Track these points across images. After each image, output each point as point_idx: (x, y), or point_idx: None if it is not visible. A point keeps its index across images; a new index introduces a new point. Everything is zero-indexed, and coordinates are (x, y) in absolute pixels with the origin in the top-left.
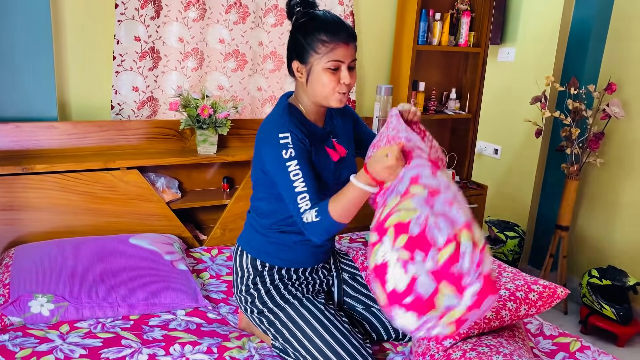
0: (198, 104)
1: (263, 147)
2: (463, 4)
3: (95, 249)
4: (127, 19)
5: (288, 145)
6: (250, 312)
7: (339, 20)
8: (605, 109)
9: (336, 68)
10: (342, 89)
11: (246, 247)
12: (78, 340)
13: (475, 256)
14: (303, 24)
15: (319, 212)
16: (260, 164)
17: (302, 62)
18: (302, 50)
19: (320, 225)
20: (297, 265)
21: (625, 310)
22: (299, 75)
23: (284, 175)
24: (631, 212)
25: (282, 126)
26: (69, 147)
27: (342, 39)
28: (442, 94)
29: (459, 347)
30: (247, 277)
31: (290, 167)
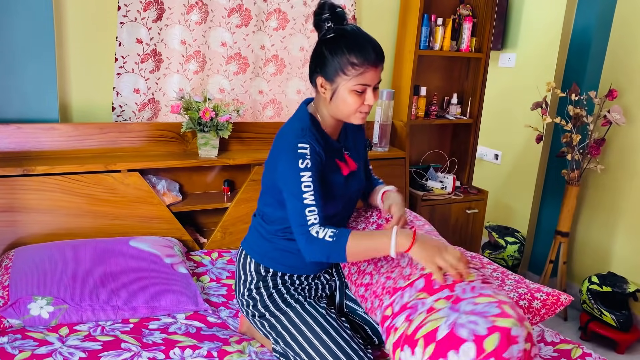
0: (200, 107)
1: (280, 152)
2: (465, 9)
3: (96, 252)
4: (129, 21)
5: (306, 155)
6: (251, 315)
7: (369, 40)
8: (607, 116)
9: (363, 90)
10: (365, 109)
11: (250, 252)
12: (77, 343)
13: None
14: (332, 40)
15: (337, 235)
16: (274, 169)
17: (328, 80)
18: (329, 68)
19: (329, 247)
20: (300, 272)
21: (625, 317)
22: (322, 91)
23: (295, 184)
24: (631, 218)
25: (302, 136)
26: (70, 149)
27: (372, 62)
28: (444, 99)
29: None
30: (250, 282)
31: (304, 177)
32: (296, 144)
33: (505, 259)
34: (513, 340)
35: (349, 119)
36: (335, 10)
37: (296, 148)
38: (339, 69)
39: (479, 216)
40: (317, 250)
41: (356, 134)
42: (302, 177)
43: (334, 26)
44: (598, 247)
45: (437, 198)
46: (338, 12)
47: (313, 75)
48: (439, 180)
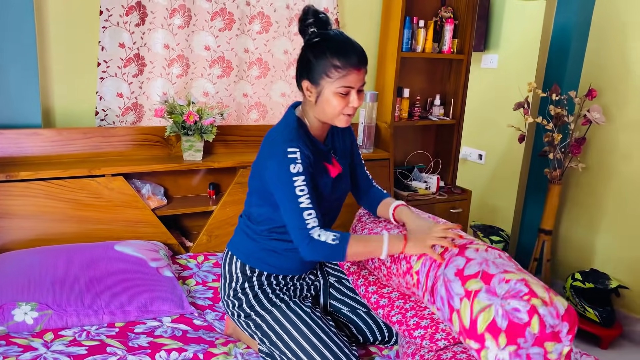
0: (183, 111)
1: (269, 158)
2: (446, 11)
3: (80, 256)
4: (111, 25)
5: (296, 160)
6: (237, 316)
7: (352, 43)
8: (586, 115)
9: (347, 93)
10: (349, 111)
11: (236, 253)
12: (62, 349)
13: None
14: (316, 45)
15: (339, 239)
16: (262, 172)
17: (313, 83)
18: (314, 71)
19: (331, 249)
20: (285, 272)
21: (607, 312)
22: (308, 94)
23: (289, 189)
24: (612, 215)
25: (291, 140)
26: (53, 154)
27: (355, 65)
28: (427, 100)
29: (450, 349)
30: (235, 282)
31: (297, 182)
32: (285, 149)
33: None
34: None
35: (333, 121)
36: (319, 15)
37: (286, 153)
38: (323, 72)
39: (463, 215)
40: (319, 252)
41: (344, 136)
42: (296, 182)
43: (318, 31)
44: (581, 244)
45: (422, 198)
46: (321, 17)
47: (299, 79)
48: (423, 181)
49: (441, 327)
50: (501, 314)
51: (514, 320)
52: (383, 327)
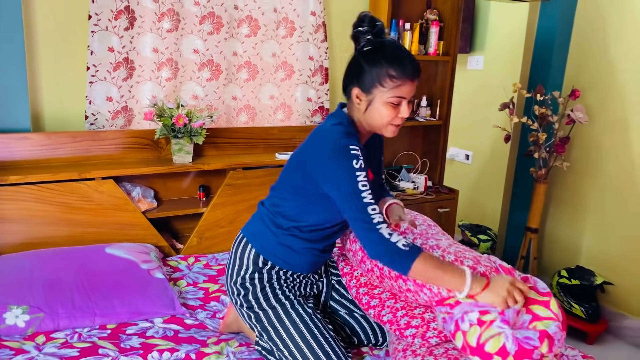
0: (173, 114)
1: (328, 153)
2: (432, 14)
3: (71, 260)
4: (100, 29)
5: (359, 156)
6: (239, 304)
7: (408, 54)
8: (570, 114)
9: (398, 103)
10: (398, 122)
11: (251, 240)
12: (54, 351)
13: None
14: (371, 52)
15: (410, 247)
16: (309, 170)
17: (364, 91)
18: (367, 79)
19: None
20: (296, 270)
21: (593, 308)
22: (357, 102)
23: (353, 184)
24: (596, 213)
25: (351, 138)
26: (43, 158)
27: (410, 76)
28: (414, 102)
29: (442, 345)
30: (244, 271)
31: (360, 177)
32: (347, 145)
33: None
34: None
35: (381, 130)
36: (375, 23)
37: (348, 149)
38: (377, 80)
39: (451, 215)
40: (385, 252)
41: (375, 145)
42: (359, 177)
43: (373, 39)
44: (567, 242)
45: (410, 198)
46: (378, 25)
47: (349, 86)
48: (411, 181)
49: (432, 325)
50: (511, 340)
51: (525, 347)
52: (377, 331)
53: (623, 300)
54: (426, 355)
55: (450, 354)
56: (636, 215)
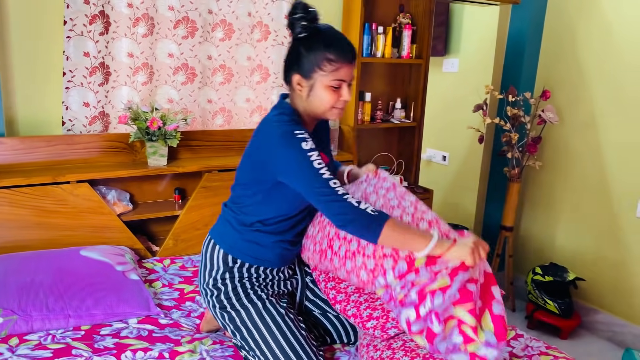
0: (147, 117)
1: (275, 143)
2: (405, 17)
3: (46, 262)
4: (76, 35)
5: (307, 138)
6: (212, 305)
7: (344, 38)
8: (541, 115)
9: (339, 86)
10: (341, 105)
11: (219, 241)
12: (28, 352)
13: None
14: (308, 38)
15: (378, 212)
16: (260, 162)
17: (305, 77)
18: (306, 65)
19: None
20: (266, 265)
21: (566, 304)
22: (298, 88)
23: (308, 165)
24: (568, 211)
25: (295, 124)
26: (17, 163)
27: (348, 59)
28: (389, 104)
29: (400, 338)
30: (216, 271)
31: (313, 156)
32: (292, 131)
33: None
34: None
35: (325, 114)
36: (309, 9)
37: (294, 134)
38: (316, 65)
39: None
40: (355, 219)
41: (322, 131)
42: (312, 157)
43: (309, 25)
44: (541, 239)
45: None
46: (311, 11)
47: (289, 73)
48: None
49: (391, 315)
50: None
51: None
52: (350, 331)
53: (595, 295)
54: (385, 350)
55: (407, 347)
56: (606, 213)
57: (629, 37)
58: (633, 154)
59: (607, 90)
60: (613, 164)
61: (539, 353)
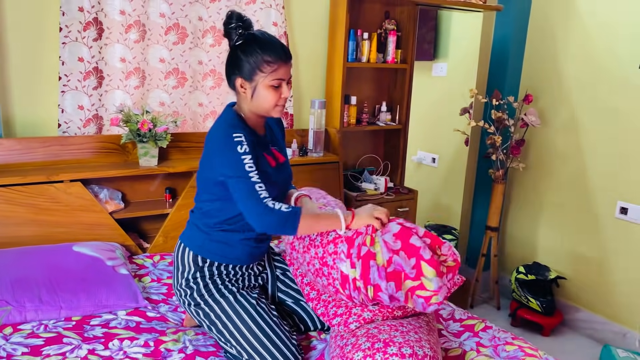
0: (138, 119)
1: (217, 145)
2: (390, 24)
3: (39, 257)
4: (71, 41)
5: (242, 142)
6: (187, 304)
7: (277, 41)
8: (524, 118)
9: (279, 85)
10: (282, 102)
11: (188, 244)
12: (21, 340)
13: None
14: (245, 44)
15: (292, 208)
16: (209, 165)
17: (247, 79)
18: (246, 68)
19: (285, 217)
20: (235, 262)
21: (548, 302)
22: (242, 91)
23: (239, 168)
24: (550, 211)
25: (235, 127)
26: (13, 162)
27: (283, 59)
28: (375, 107)
29: (363, 327)
30: (187, 272)
31: (245, 160)
32: (231, 134)
33: None
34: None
35: (269, 113)
36: (243, 19)
37: (232, 137)
38: (256, 67)
39: (411, 214)
40: (273, 221)
41: (277, 129)
42: (244, 160)
43: (245, 32)
44: (525, 239)
45: (370, 198)
46: (245, 20)
47: (231, 78)
48: (372, 182)
49: (354, 311)
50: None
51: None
52: None
53: (576, 294)
54: (350, 337)
55: (370, 333)
56: (587, 213)
57: (606, 43)
58: (612, 155)
59: (586, 93)
60: (593, 166)
61: (505, 343)
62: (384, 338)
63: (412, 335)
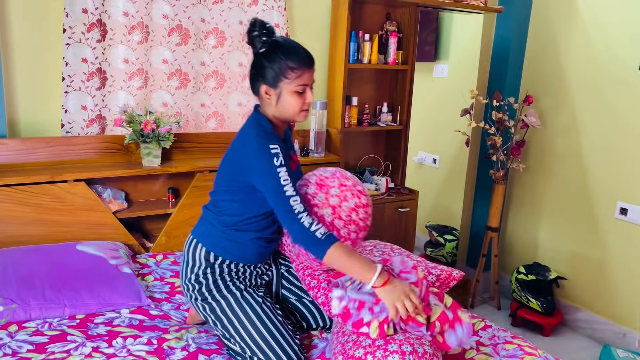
0: (142, 120)
1: (252, 155)
2: (391, 25)
3: (44, 256)
4: (74, 42)
5: (279, 154)
6: (194, 299)
7: (301, 46)
8: (524, 119)
9: (303, 91)
10: (306, 107)
11: (201, 240)
12: (26, 338)
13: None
14: (268, 51)
15: (327, 236)
16: (242, 169)
17: (271, 86)
18: (271, 75)
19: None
20: (245, 262)
21: (548, 302)
22: (267, 97)
23: (275, 180)
24: (550, 211)
25: (270, 138)
26: (18, 162)
27: (307, 65)
28: (376, 108)
29: None
30: (197, 267)
31: (281, 172)
32: (267, 145)
33: (444, 255)
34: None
35: (294, 118)
36: (266, 26)
37: (269, 149)
38: (280, 74)
39: (411, 214)
40: (305, 239)
41: (289, 133)
42: (280, 173)
43: (268, 39)
44: (525, 240)
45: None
46: (268, 27)
47: (256, 85)
48: (374, 183)
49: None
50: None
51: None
52: (325, 315)
53: (576, 294)
54: (351, 334)
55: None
56: (587, 214)
57: (606, 44)
58: (612, 156)
59: (587, 95)
60: (593, 167)
61: (504, 342)
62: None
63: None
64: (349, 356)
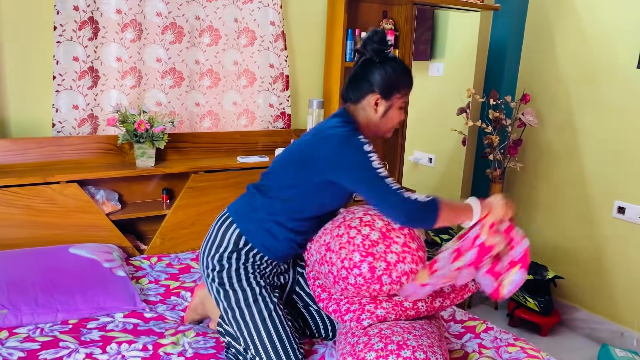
0: (135, 120)
1: (342, 145)
2: (388, 23)
3: (35, 259)
4: (65, 40)
5: (368, 143)
6: (211, 278)
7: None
8: (521, 118)
9: (401, 108)
10: (399, 125)
11: (237, 221)
12: (17, 344)
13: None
14: (388, 65)
15: (431, 197)
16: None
17: (385, 98)
18: (388, 87)
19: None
20: (270, 256)
21: (546, 302)
22: (373, 107)
23: (369, 166)
24: (547, 211)
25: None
26: (8, 163)
27: (412, 85)
28: None
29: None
30: (224, 248)
31: (372, 157)
32: (357, 137)
33: None
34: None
35: (385, 134)
36: (386, 39)
37: (358, 141)
38: (396, 88)
39: None
40: (413, 211)
41: None
42: (371, 158)
43: (383, 52)
44: None
45: None
46: (388, 41)
47: (362, 93)
48: None
49: (367, 308)
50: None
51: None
52: (328, 326)
53: (574, 293)
54: (362, 336)
55: (383, 334)
56: (584, 213)
57: (603, 43)
58: (609, 155)
59: (583, 93)
60: (591, 165)
61: (507, 344)
62: (397, 340)
63: (425, 340)
64: (359, 358)
